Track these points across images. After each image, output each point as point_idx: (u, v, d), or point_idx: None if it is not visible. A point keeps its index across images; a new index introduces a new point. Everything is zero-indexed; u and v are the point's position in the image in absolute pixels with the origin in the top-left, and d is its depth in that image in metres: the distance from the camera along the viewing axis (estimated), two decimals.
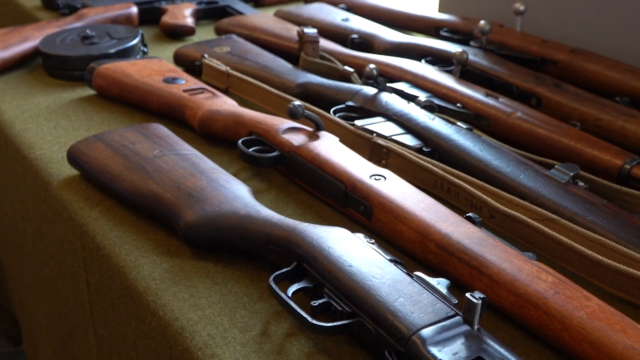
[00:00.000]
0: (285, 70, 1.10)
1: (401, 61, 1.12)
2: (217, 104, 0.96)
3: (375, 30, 1.28)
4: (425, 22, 1.35)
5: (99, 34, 1.22)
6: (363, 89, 1.00)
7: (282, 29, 1.29)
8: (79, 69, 1.13)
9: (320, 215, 0.78)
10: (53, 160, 0.90)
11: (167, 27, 1.37)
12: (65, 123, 1.00)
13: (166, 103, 1.00)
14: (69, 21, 1.32)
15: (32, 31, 1.24)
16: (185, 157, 0.81)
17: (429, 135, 0.88)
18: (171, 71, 1.08)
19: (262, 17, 1.37)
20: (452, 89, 1.02)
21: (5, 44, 1.18)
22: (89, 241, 0.77)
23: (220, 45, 1.20)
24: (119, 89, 1.05)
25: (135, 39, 1.21)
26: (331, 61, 1.12)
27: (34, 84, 1.14)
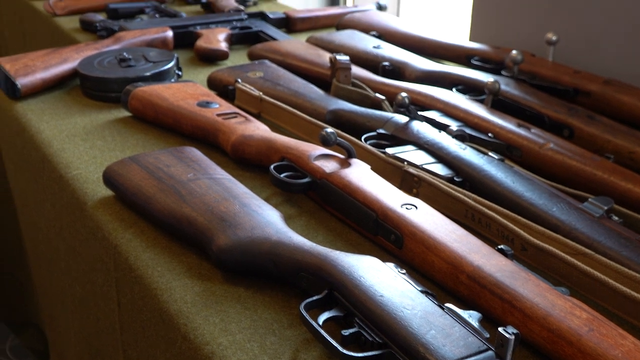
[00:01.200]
0: (317, 97, 1.11)
1: (432, 89, 1.12)
2: (250, 128, 0.98)
3: (406, 58, 1.29)
4: (457, 50, 1.36)
5: (135, 56, 1.25)
6: (394, 116, 1.00)
7: (314, 55, 1.30)
8: (115, 91, 1.15)
9: (350, 243, 0.78)
10: (89, 180, 0.91)
11: (201, 51, 1.39)
12: (101, 144, 1.02)
13: (200, 127, 1.01)
14: (106, 44, 1.35)
15: (71, 53, 1.27)
16: (219, 182, 0.82)
17: (461, 165, 0.88)
18: (205, 95, 1.10)
19: (295, 43, 1.38)
20: (484, 119, 1.02)
21: (46, 64, 1.21)
22: (122, 262, 0.78)
23: (254, 70, 1.21)
24: (154, 111, 1.07)
25: (171, 63, 1.23)
26: (363, 88, 1.13)
27: (72, 104, 1.17)
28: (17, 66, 1.20)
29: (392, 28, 1.48)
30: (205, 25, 1.51)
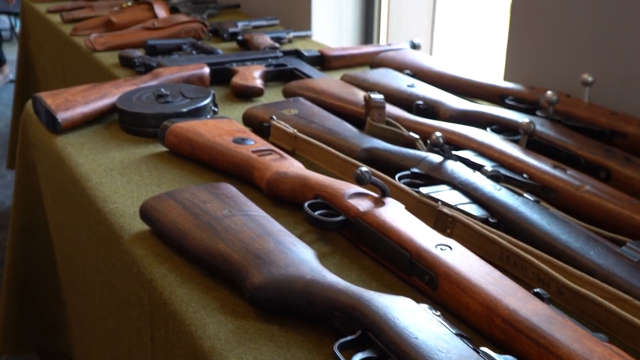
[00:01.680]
0: (351, 135, 1.12)
1: (466, 129, 1.12)
2: (284, 166, 0.98)
3: (440, 97, 1.29)
4: (491, 90, 1.36)
5: (172, 92, 1.27)
6: (428, 156, 1.00)
7: (349, 93, 1.31)
8: (153, 126, 1.17)
9: (384, 283, 0.78)
10: (125, 214, 0.93)
11: (237, 87, 1.41)
12: (137, 178, 1.03)
13: (235, 163, 1.02)
14: (144, 79, 1.37)
15: (111, 88, 1.29)
16: (254, 219, 0.83)
17: (495, 206, 0.88)
18: (241, 132, 1.11)
19: (329, 81, 1.40)
20: (519, 159, 1.02)
21: (86, 99, 1.24)
22: (156, 296, 0.78)
23: (288, 107, 1.23)
24: (190, 147, 1.08)
25: (207, 99, 1.25)
26: (397, 127, 1.14)
27: (110, 139, 1.19)
28: (58, 101, 1.23)
29: (426, 67, 1.49)
30: (241, 63, 1.53)
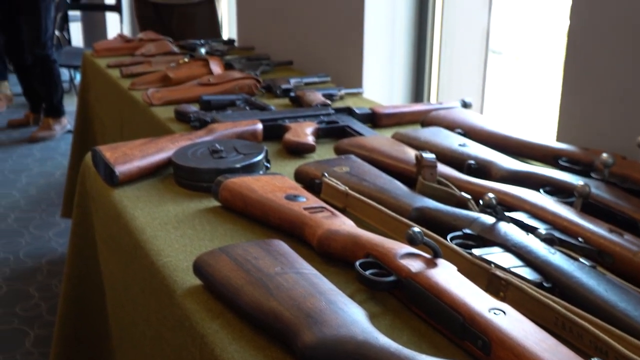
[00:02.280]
0: (402, 193, 1.12)
1: (519, 190, 1.11)
2: (336, 224, 0.99)
3: (492, 157, 1.29)
4: (543, 150, 1.35)
5: (226, 148, 1.30)
6: (480, 217, 1.00)
7: (400, 151, 1.32)
8: (207, 181, 1.20)
9: (436, 346, 0.77)
10: (178, 268, 0.94)
11: (289, 144, 1.43)
12: (191, 232, 1.05)
13: (287, 220, 1.03)
14: (199, 134, 1.41)
15: (167, 143, 1.33)
16: (305, 277, 0.83)
17: (550, 270, 0.86)
18: (293, 188, 1.13)
19: (380, 139, 1.41)
20: (573, 223, 1.00)
21: (143, 153, 1.27)
22: (207, 352, 0.79)
23: (340, 165, 1.24)
24: (243, 202, 1.10)
25: (260, 155, 1.27)
26: (448, 187, 1.14)
27: (165, 192, 1.22)
28: (116, 154, 1.27)
29: (477, 126, 1.49)
30: (294, 119, 1.56)
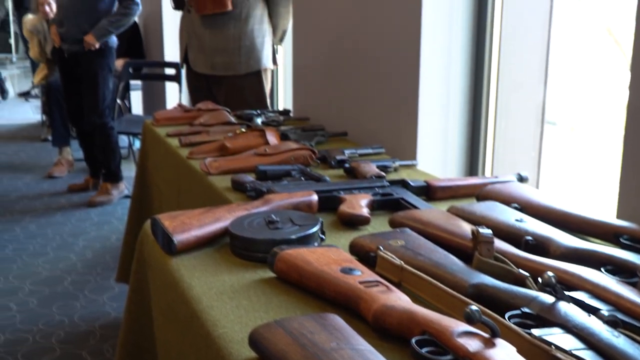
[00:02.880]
0: (458, 269, 1.11)
1: (580, 269, 1.09)
2: (391, 299, 0.98)
3: (550, 233, 1.27)
4: (604, 227, 1.32)
5: (282, 219, 1.31)
6: (540, 296, 0.98)
7: (455, 226, 1.31)
8: (262, 252, 1.21)
9: None
10: (234, 340, 0.94)
11: (344, 216, 1.44)
12: (246, 303, 1.06)
13: (342, 293, 1.03)
14: (256, 205, 1.43)
15: (224, 212, 1.35)
16: (361, 353, 0.82)
17: (614, 354, 0.83)
18: (348, 261, 1.13)
19: (435, 212, 1.41)
20: (638, 304, 0.98)
21: (201, 223, 1.30)
22: None
23: (395, 238, 1.24)
24: (298, 274, 1.10)
25: (315, 227, 1.28)
26: (506, 263, 1.12)
27: (221, 262, 1.23)
28: (175, 223, 1.29)
29: (534, 201, 1.47)
30: (349, 191, 1.57)
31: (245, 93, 3.13)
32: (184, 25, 3.24)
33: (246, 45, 3.08)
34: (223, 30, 3.07)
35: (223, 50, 3.09)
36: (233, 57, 3.10)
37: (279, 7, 3.12)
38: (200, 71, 3.20)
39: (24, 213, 4.44)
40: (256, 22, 3.08)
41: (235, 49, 3.08)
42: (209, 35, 3.10)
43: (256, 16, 3.08)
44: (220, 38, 3.08)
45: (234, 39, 3.07)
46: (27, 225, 4.21)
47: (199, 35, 3.13)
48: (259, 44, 3.10)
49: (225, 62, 3.11)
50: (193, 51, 3.19)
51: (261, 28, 3.11)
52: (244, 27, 3.06)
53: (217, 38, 3.09)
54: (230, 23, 3.05)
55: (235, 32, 3.06)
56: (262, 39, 3.12)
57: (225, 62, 3.11)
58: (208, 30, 3.09)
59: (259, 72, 3.15)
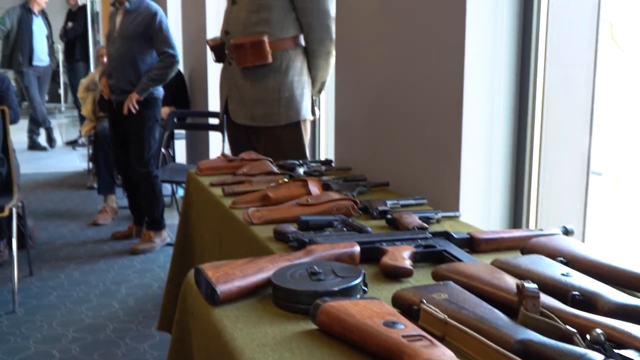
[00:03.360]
0: (503, 324, 1.09)
1: (630, 326, 1.06)
2: (435, 354, 0.97)
3: (598, 289, 1.24)
4: None
5: (325, 270, 1.31)
6: (588, 353, 0.95)
7: (500, 279, 1.30)
8: (304, 303, 1.20)
9: None
10: None
11: (386, 267, 1.43)
12: (288, 356, 1.05)
13: (385, 347, 1.02)
14: (298, 256, 1.43)
15: (267, 263, 1.36)
16: None
17: None
18: (391, 314, 1.12)
19: (479, 265, 1.39)
20: None
21: (243, 273, 1.30)
22: None
23: (438, 291, 1.23)
24: (340, 327, 1.10)
25: (358, 279, 1.28)
26: (552, 319, 1.10)
27: (264, 313, 1.23)
28: (218, 273, 1.30)
29: (581, 255, 1.45)
30: (391, 242, 1.56)
31: (284, 144, 3.16)
32: (225, 77, 3.29)
33: (285, 97, 3.11)
34: (263, 82, 3.11)
35: (262, 101, 3.13)
36: (272, 108, 3.13)
37: (319, 59, 3.16)
38: (240, 122, 3.24)
39: (68, 260, 4.52)
40: (296, 74, 3.12)
41: (274, 100, 3.12)
42: (249, 87, 3.14)
43: (296, 68, 3.12)
44: (260, 89, 3.12)
45: (273, 90, 3.11)
46: (71, 272, 4.28)
47: (240, 87, 3.17)
48: (298, 95, 3.13)
49: (265, 113, 3.14)
50: (233, 102, 3.24)
51: (301, 80, 3.14)
52: (283, 79, 3.10)
53: (257, 90, 3.13)
54: (270, 75, 3.10)
55: (275, 83, 3.10)
56: (301, 91, 3.15)
57: (264, 113, 3.15)
58: (248, 82, 3.14)
59: (298, 123, 3.18)
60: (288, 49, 3.09)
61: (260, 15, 3.05)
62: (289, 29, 3.09)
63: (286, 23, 3.08)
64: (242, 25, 3.09)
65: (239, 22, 3.11)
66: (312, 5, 3.04)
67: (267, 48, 3.03)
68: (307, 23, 3.08)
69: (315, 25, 3.07)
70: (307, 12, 3.05)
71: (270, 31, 3.05)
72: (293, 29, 3.10)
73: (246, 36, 3.06)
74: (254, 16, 3.06)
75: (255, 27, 3.06)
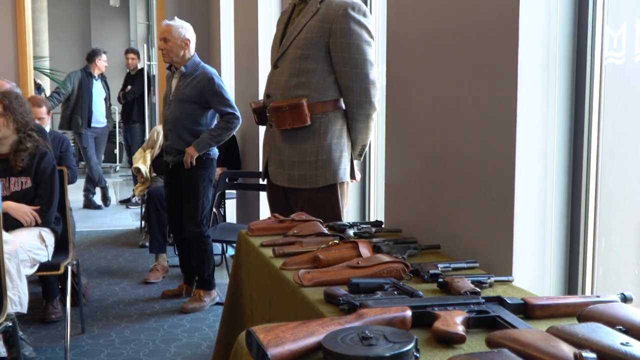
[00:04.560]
0: None
1: None
2: None
3: None
4: None
5: (376, 335, 1.30)
6: None
7: (556, 348, 1.26)
8: None
9: None
10: None
11: (439, 333, 1.41)
12: None
13: None
14: (349, 320, 1.43)
15: (317, 327, 1.36)
16: None
17: None
18: None
19: (534, 332, 1.36)
20: None
21: (294, 337, 1.30)
22: None
23: (493, 359, 1.20)
24: None
25: (410, 345, 1.26)
26: None
27: None
28: (269, 337, 1.30)
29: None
30: (443, 307, 1.54)
31: (320, 206, 3.15)
32: (266, 140, 3.34)
33: (323, 159, 3.12)
34: (302, 144, 3.14)
35: (300, 163, 3.15)
36: (310, 170, 3.14)
37: (358, 122, 3.17)
38: (278, 184, 3.27)
39: (119, 318, 4.56)
40: (335, 137, 3.14)
41: (312, 163, 3.14)
42: (288, 149, 3.17)
43: (335, 131, 3.15)
44: (298, 151, 3.15)
45: (311, 152, 3.13)
46: (122, 331, 4.32)
47: (279, 148, 3.21)
48: (336, 158, 3.15)
49: (302, 175, 3.16)
50: (273, 164, 3.27)
51: (339, 142, 3.16)
52: (322, 141, 3.12)
53: (295, 151, 3.15)
54: (309, 137, 3.12)
55: (313, 146, 3.12)
56: (339, 153, 3.16)
57: (302, 175, 3.16)
58: (287, 144, 3.17)
59: (335, 186, 3.18)
60: (327, 112, 3.13)
61: (300, 78, 3.11)
62: (328, 92, 3.13)
63: (326, 86, 3.12)
64: (282, 88, 3.15)
65: (280, 85, 3.17)
66: (352, 68, 3.08)
67: (306, 111, 3.08)
68: (346, 86, 3.12)
69: (354, 88, 3.10)
70: (346, 75, 3.10)
71: (310, 94, 3.10)
72: (333, 92, 3.14)
73: (286, 99, 3.12)
74: (294, 79, 3.12)
75: (295, 91, 3.11)
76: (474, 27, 2.30)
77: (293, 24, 3.20)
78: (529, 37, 2.09)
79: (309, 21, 3.11)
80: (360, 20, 3.07)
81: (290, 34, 3.17)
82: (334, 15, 3.06)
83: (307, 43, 3.09)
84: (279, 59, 3.20)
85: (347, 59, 3.06)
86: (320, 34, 3.08)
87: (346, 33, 3.05)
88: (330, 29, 3.07)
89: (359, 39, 3.07)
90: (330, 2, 3.11)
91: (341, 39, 3.05)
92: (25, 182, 3.83)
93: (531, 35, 2.09)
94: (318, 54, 3.09)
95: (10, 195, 3.77)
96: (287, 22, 3.27)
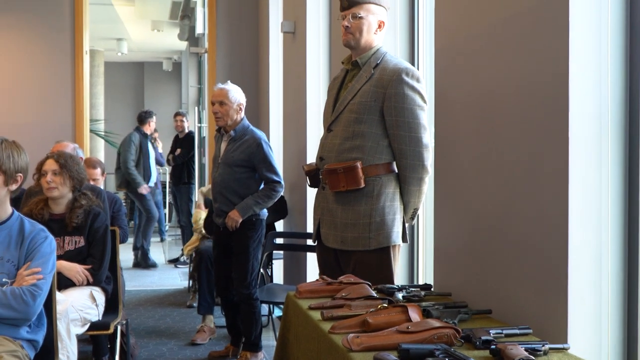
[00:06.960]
0: None
1: None
2: None
3: None
4: None
5: None
6: None
7: None
8: None
9: None
10: None
11: None
12: None
13: None
14: None
15: None
16: None
17: None
18: None
19: None
20: None
21: None
22: None
23: None
24: None
25: None
26: None
27: None
28: None
29: None
30: None
31: (373, 268, 3.13)
32: (318, 202, 3.36)
33: (377, 222, 3.12)
34: (355, 206, 3.14)
35: (353, 225, 3.15)
36: (363, 232, 3.14)
37: (411, 186, 3.17)
38: (330, 246, 3.27)
39: None
40: (388, 200, 3.14)
41: (365, 225, 3.14)
42: (341, 210, 3.18)
43: (388, 194, 3.15)
44: (352, 213, 3.15)
45: (364, 215, 3.13)
46: None
47: (332, 210, 3.22)
48: (389, 220, 3.14)
49: (355, 237, 3.16)
50: (325, 226, 3.28)
51: (392, 205, 3.16)
52: (375, 204, 3.13)
53: (348, 213, 3.16)
54: (362, 199, 3.13)
55: (366, 208, 3.13)
56: (392, 216, 3.16)
57: (354, 237, 3.16)
58: (340, 206, 3.18)
59: (388, 249, 3.17)
60: (381, 175, 3.15)
61: (354, 142, 3.14)
62: (381, 155, 3.15)
63: (379, 149, 3.15)
64: (336, 151, 3.19)
65: (334, 148, 3.20)
66: (405, 132, 3.10)
67: (360, 173, 3.10)
68: (399, 150, 3.14)
69: (407, 152, 3.12)
70: (399, 139, 3.12)
71: (364, 157, 3.13)
72: (386, 155, 3.16)
73: (340, 162, 3.15)
74: (348, 143, 3.16)
75: (349, 154, 3.14)
76: (524, 90, 2.30)
77: (346, 89, 3.25)
78: (580, 100, 2.07)
79: (363, 86, 3.16)
80: (414, 85, 3.11)
81: (344, 99, 3.22)
82: (389, 80, 3.11)
83: (361, 107, 3.13)
84: (332, 123, 3.25)
85: (401, 122, 3.09)
86: (375, 98, 3.12)
87: (400, 98, 3.09)
88: (385, 94, 3.11)
89: (413, 104, 3.10)
90: (384, 68, 3.16)
91: (395, 103, 3.09)
92: (79, 241, 3.91)
93: (582, 97, 2.07)
94: (372, 117, 3.13)
95: (64, 254, 3.84)
96: (339, 87, 3.33)
